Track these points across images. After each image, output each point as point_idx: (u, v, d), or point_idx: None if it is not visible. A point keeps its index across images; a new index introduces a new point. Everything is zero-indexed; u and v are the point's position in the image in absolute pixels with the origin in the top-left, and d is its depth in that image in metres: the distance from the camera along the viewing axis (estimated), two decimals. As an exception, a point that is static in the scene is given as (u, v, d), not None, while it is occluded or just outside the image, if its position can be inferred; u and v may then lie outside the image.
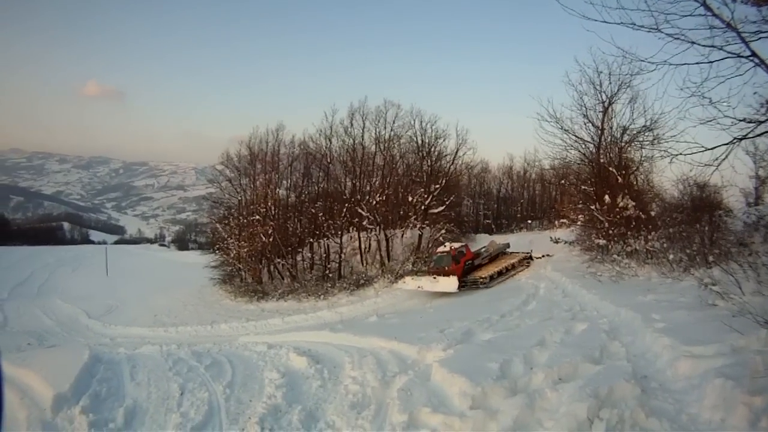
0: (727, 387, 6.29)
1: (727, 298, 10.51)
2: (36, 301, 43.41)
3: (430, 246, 36.06)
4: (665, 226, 19.01)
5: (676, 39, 7.49)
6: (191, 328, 28.27)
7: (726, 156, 7.84)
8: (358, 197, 37.35)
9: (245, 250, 38.76)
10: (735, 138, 7.66)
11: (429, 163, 39.70)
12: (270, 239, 37.00)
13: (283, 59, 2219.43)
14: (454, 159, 40.00)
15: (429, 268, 27.93)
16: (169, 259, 79.45)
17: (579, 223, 24.64)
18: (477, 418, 6.90)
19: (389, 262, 36.22)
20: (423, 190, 37.05)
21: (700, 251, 15.70)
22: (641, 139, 22.77)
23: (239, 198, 42.30)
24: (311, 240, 38.62)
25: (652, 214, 20.56)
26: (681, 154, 8.38)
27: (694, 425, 6.16)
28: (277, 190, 41.09)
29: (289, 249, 38.32)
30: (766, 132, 7.66)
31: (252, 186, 41.27)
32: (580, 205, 24.77)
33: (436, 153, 40.02)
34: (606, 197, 21.74)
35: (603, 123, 23.87)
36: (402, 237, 37.94)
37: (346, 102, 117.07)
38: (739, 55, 7.39)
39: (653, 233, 19.11)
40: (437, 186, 36.65)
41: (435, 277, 25.69)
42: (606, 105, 23.66)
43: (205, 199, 54.14)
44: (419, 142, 40.29)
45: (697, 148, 8.08)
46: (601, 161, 23.61)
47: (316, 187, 41.92)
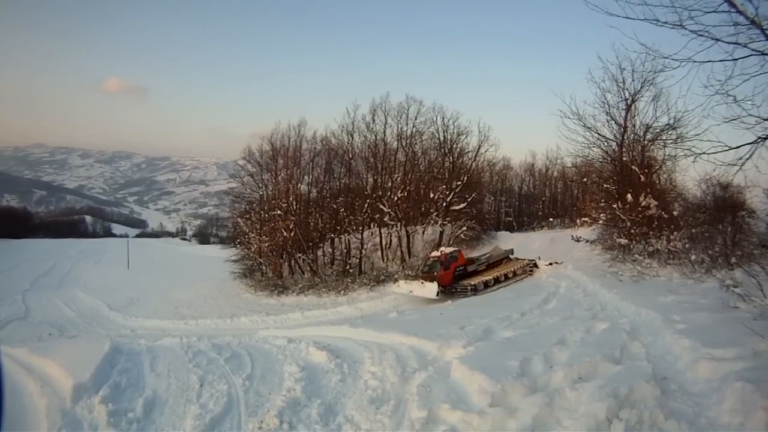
0: (747, 391, 6.23)
1: (749, 300, 10.42)
2: (58, 293, 43.96)
3: (451, 243, 36.05)
4: (687, 226, 18.84)
5: (700, 36, 7.34)
6: (211, 321, 28.48)
7: (750, 155, 7.74)
8: (379, 193, 37.37)
9: (266, 244, 39.10)
10: (759, 137, 7.56)
11: (451, 160, 39.64)
12: (291, 234, 37.14)
13: (305, 55, 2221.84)
14: (476, 156, 39.98)
15: (422, 272, 27.64)
16: (191, 253, 79.98)
17: (601, 222, 24.47)
18: (496, 415, 6.86)
19: (410, 258, 36.25)
20: (444, 186, 37.10)
21: (722, 252, 15.55)
22: (664, 138, 22.39)
23: (261, 193, 42.63)
24: (332, 235, 38.83)
25: (674, 213, 20.37)
26: (704, 153, 8.30)
27: (712, 428, 6.11)
28: (299, 185, 41.39)
29: (310, 244, 38.60)
30: (791, 131, 7.57)
31: (274, 181, 41.55)
32: (602, 204, 24.59)
33: (458, 149, 39.93)
34: (628, 196, 21.56)
35: (626, 121, 23.58)
36: (423, 233, 37.90)
37: (368, 98, 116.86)
38: (763, 53, 7.26)
39: (675, 233, 18.94)
40: (459, 183, 36.58)
41: (423, 282, 25.71)
42: (629, 102, 23.30)
43: (227, 194, 54.70)
44: (441, 138, 40.27)
45: (721, 147, 7.98)
46: (624, 160, 23.38)
47: (337, 183, 41.99)
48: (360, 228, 37.04)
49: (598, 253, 23.64)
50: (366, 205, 36.78)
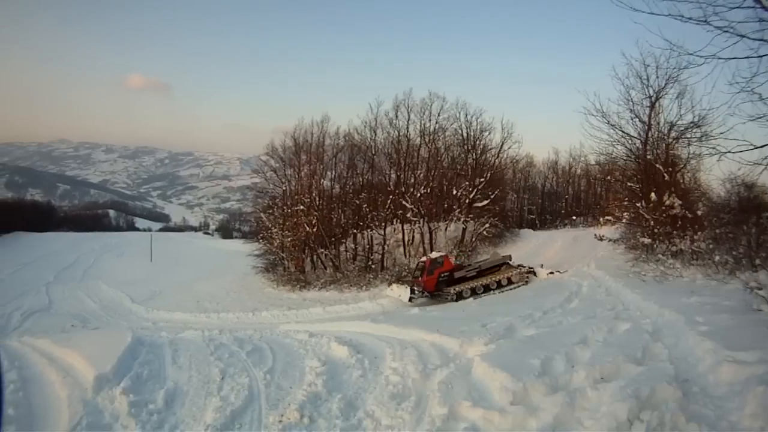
0: (769, 395, 6.19)
1: (773, 303, 10.36)
2: (81, 285, 44.73)
3: (473, 240, 36.04)
4: (711, 226, 18.60)
5: (725, 32, 7.27)
6: (233, 314, 28.78)
7: (776, 155, 7.69)
8: (402, 189, 37.46)
9: (289, 239, 39.30)
10: (785, 136, 7.49)
11: (474, 156, 39.59)
12: (314, 229, 37.41)
13: (328, 50, 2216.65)
14: (499, 152, 39.77)
15: (413, 276, 27.78)
16: (213, 247, 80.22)
17: (624, 221, 24.31)
18: (517, 414, 6.88)
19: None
20: (467, 183, 37.06)
21: (746, 254, 15.37)
22: (689, 136, 22.17)
23: (284, 188, 42.85)
24: (355, 231, 38.99)
25: (698, 213, 20.21)
26: (729, 151, 8.24)
27: (733, 433, 6.08)
28: (322, 180, 41.53)
29: (333, 239, 38.71)
30: (818, 130, 7.47)
31: (296, 176, 41.79)
32: (625, 203, 24.44)
33: (481, 146, 39.89)
34: (652, 195, 21.39)
35: (650, 118, 23.38)
36: (446, 230, 37.89)
37: (391, 94, 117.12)
38: (790, 50, 7.11)
39: (699, 233, 18.80)
40: (482, 179, 36.51)
41: (392, 287, 26.47)
42: (653, 100, 23.07)
43: (250, 189, 54.73)
44: (464, 134, 40.17)
45: (746, 145, 7.91)
46: (648, 158, 23.20)
47: (360, 179, 42.18)
48: (383, 224, 37.21)
49: (621, 253, 23.45)
50: (389, 201, 36.94)
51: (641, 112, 23.62)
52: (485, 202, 36.58)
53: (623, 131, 24.23)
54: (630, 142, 24.39)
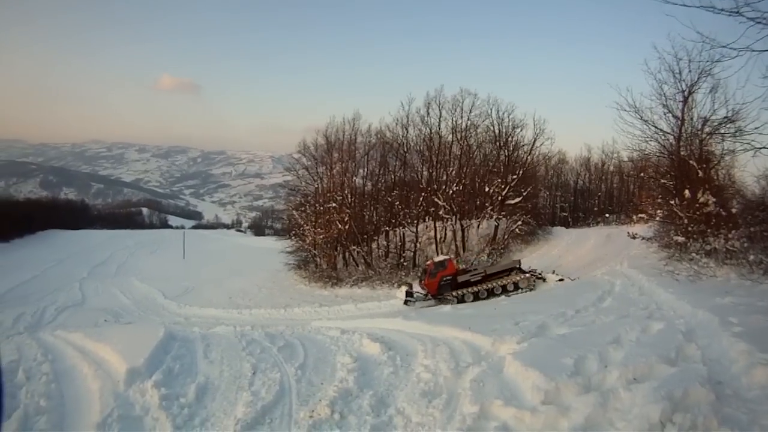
0: (803, 400, 6.04)
1: (809, 304, 10.21)
2: (114, 281, 45.85)
3: (506, 237, 35.97)
4: (746, 224, 18.25)
5: (758, 23, 7.08)
6: (265, 310, 29.14)
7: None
8: (434, 186, 37.59)
9: (321, 236, 39.63)
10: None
11: (506, 153, 39.38)
12: (346, 227, 37.69)
13: (359, 48, 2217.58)
14: (531, 149, 39.60)
15: (420, 279, 27.78)
16: (245, 244, 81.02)
17: (657, 219, 24.09)
18: (549, 413, 6.82)
19: (464, 252, 36.34)
20: (500, 180, 36.94)
21: (782, 253, 15.21)
22: (722, 131, 21.87)
23: (316, 186, 43.20)
24: (387, 228, 39.21)
25: (732, 211, 19.93)
26: (764, 147, 8.18)
27: (765, 438, 6.00)
28: (354, 178, 41.79)
29: (365, 237, 39.00)
30: None
31: (329, 174, 42.03)
32: (658, 200, 24.20)
33: (513, 143, 39.70)
34: (686, 192, 21.18)
35: (683, 113, 23.07)
36: (478, 227, 37.96)
37: (422, 91, 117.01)
38: (826, 41, 6.94)
39: (733, 232, 18.51)
40: (514, 176, 36.44)
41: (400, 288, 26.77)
42: (686, 94, 22.69)
43: (282, 187, 55.38)
44: (496, 131, 39.99)
45: (782, 141, 7.80)
46: (682, 154, 22.94)
47: (392, 176, 42.25)
48: (415, 221, 37.33)
49: (654, 251, 23.15)
50: (421, 199, 37.04)
51: (674, 107, 23.18)
52: (518, 199, 36.56)
53: (656, 127, 23.90)
54: (663, 137, 24.01)
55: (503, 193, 36.19)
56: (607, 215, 46.25)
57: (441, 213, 36.62)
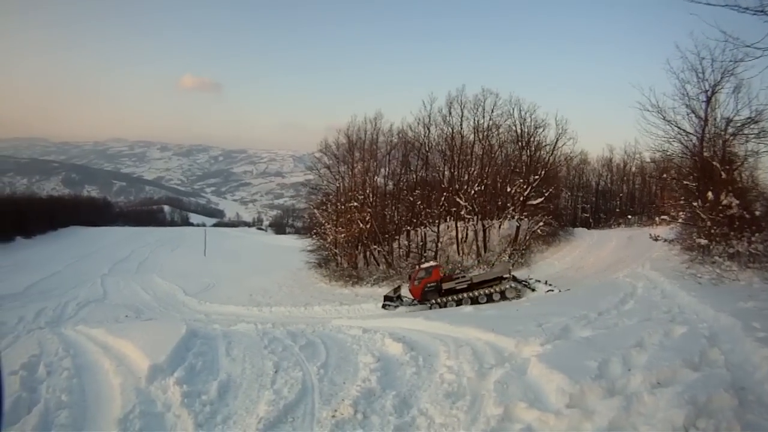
0: (826, 408, 5.98)
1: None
2: (135, 277, 46.36)
3: (527, 238, 35.95)
4: (770, 228, 18.28)
5: None
6: (285, 308, 29.39)
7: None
8: (456, 186, 37.51)
9: (342, 235, 39.81)
10: None
11: (528, 153, 39.22)
12: (367, 226, 37.75)
13: (380, 46, 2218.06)
14: (553, 149, 39.36)
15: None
16: (266, 243, 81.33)
17: (680, 221, 23.96)
18: (573, 416, 6.82)
19: (485, 252, 36.29)
20: (522, 180, 36.79)
21: (806, 257, 15.10)
22: (746, 132, 21.72)
23: (337, 185, 43.37)
24: (408, 228, 39.24)
25: (756, 213, 19.78)
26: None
27: (787, 446, 5.91)
28: (375, 177, 41.95)
29: (386, 236, 39.07)
30: None
31: (350, 173, 42.17)
32: (681, 202, 24.05)
33: (535, 143, 39.40)
34: (709, 194, 21.02)
35: (707, 114, 22.87)
36: (499, 228, 37.88)
37: (444, 90, 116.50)
38: None
39: (757, 235, 18.38)
40: (536, 177, 36.20)
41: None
42: (709, 94, 22.42)
43: (303, 186, 55.72)
44: (518, 131, 39.73)
45: (806, 142, 7.75)
46: (705, 155, 22.77)
47: (414, 176, 42.25)
48: (436, 221, 37.40)
49: (676, 254, 23.02)
50: (442, 199, 37.03)
51: (697, 107, 22.94)
52: (539, 200, 36.34)
53: (679, 127, 23.70)
54: (686, 138, 23.80)
55: (525, 194, 35.99)
56: (629, 216, 45.97)
57: (463, 213, 36.58)
